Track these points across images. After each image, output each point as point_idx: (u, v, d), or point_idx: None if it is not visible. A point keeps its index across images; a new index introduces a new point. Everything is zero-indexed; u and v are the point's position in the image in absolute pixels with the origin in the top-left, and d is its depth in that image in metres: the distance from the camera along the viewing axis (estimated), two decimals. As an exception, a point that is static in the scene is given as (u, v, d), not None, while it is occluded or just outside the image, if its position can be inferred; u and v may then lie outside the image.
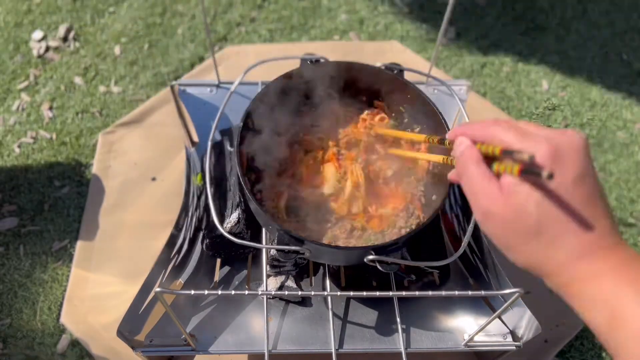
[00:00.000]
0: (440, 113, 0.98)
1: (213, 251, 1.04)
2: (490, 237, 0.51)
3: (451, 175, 0.61)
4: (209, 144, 0.97)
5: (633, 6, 1.94)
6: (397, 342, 0.93)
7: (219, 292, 0.77)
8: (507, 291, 0.81)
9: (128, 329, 0.88)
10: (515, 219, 0.47)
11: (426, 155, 0.93)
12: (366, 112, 1.08)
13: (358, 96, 1.08)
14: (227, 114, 1.19)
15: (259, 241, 1.03)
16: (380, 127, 1.05)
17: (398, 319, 0.94)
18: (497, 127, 0.51)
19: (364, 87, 1.07)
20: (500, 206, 0.48)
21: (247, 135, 0.97)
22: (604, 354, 1.26)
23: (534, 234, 0.47)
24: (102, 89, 1.65)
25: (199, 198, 1.13)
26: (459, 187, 1.18)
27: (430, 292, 0.83)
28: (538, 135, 0.48)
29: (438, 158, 0.78)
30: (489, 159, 0.51)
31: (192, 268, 1.04)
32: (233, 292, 0.79)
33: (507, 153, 0.48)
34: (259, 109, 0.98)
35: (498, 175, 0.50)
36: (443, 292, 0.83)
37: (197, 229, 1.09)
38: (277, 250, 0.81)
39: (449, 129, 0.96)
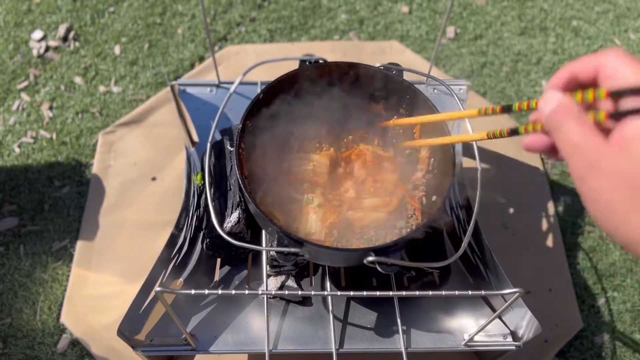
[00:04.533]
0: (439, 113, 0.98)
1: (213, 251, 1.04)
2: (592, 199, 0.40)
3: (532, 144, 0.48)
4: (209, 144, 0.98)
5: (633, 7, 1.94)
6: (397, 342, 0.93)
7: (219, 291, 0.77)
8: (507, 291, 0.81)
9: (128, 328, 0.88)
10: (627, 177, 0.38)
11: (460, 137, 0.81)
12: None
13: (356, 97, 1.08)
14: (227, 113, 1.19)
15: (260, 241, 1.03)
16: (401, 119, 1.02)
17: (398, 319, 0.94)
18: (614, 56, 0.42)
19: (362, 88, 1.07)
20: (612, 158, 0.39)
21: (246, 135, 0.97)
22: (603, 354, 1.26)
23: None
24: (102, 88, 1.65)
25: (199, 198, 1.13)
26: (460, 187, 1.18)
27: (430, 292, 0.83)
28: None
29: (478, 136, 0.66)
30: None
31: (192, 268, 1.04)
32: (233, 291, 0.79)
33: (617, 94, 0.40)
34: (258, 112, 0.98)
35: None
36: (443, 292, 0.83)
37: (198, 229, 1.09)
38: (277, 252, 0.81)
39: (448, 129, 0.96)
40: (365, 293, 0.81)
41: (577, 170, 0.41)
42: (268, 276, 0.98)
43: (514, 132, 0.55)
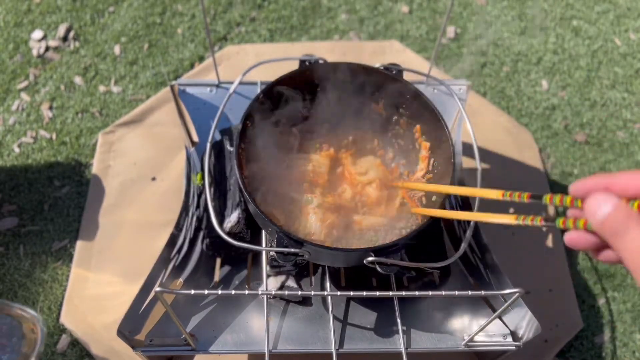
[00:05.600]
0: (439, 113, 0.98)
1: (213, 251, 1.04)
2: None
3: (576, 242, 0.46)
4: (209, 144, 0.97)
5: (633, 7, 1.94)
6: (397, 342, 0.93)
7: (219, 291, 0.77)
8: (507, 291, 0.81)
9: (128, 328, 0.88)
10: None
11: (493, 217, 0.71)
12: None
13: (356, 98, 1.08)
14: (227, 113, 1.19)
15: (259, 241, 1.03)
16: (415, 183, 1.01)
17: (398, 319, 0.94)
18: None
19: (362, 88, 1.07)
20: None
21: (246, 136, 0.97)
22: (603, 354, 1.26)
23: None
24: (102, 88, 1.65)
25: (199, 198, 1.13)
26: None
27: (430, 292, 0.83)
28: None
29: (509, 218, 0.61)
30: None
31: (192, 268, 1.04)
32: (233, 291, 0.79)
33: None
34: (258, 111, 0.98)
35: None
36: (443, 292, 0.83)
37: (198, 229, 1.09)
38: (276, 252, 0.81)
39: (448, 129, 0.96)
40: (365, 293, 0.81)
41: None
42: (268, 276, 0.98)
43: (548, 220, 0.52)
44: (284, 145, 1.08)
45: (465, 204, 1.14)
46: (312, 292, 0.89)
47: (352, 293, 0.82)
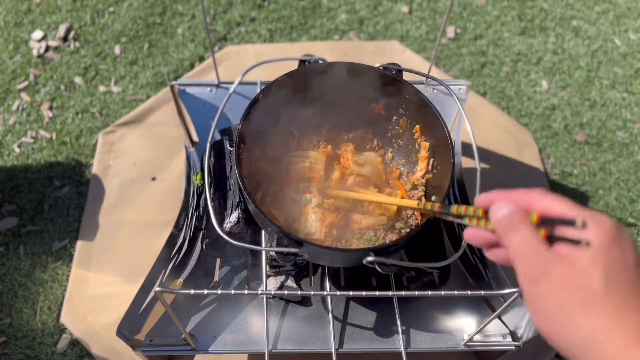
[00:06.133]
0: (438, 113, 0.98)
1: (213, 251, 1.04)
2: (537, 306, 0.44)
3: (473, 236, 0.54)
4: (209, 144, 0.97)
5: (633, 7, 1.94)
6: (397, 341, 0.93)
7: (219, 291, 0.77)
8: (507, 291, 0.81)
9: (128, 328, 0.88)
10: (577, 284, 0.42)
11: (399, 201, 0.94)
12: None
13: (356, 97, 1.08)
14: (227, 113, 1.19)
15: (259, 241, 1.03)
16: (341, 191, 1.01)
17: (398, 319, 0.94)
18: (541, 193, 0.50)
19: (362, 88, 1.07)
20: (559, 269, 0.43)
21: (246, 136, 0.97)
22: (603, 354, 1.26)
23: (597, 302, 0.42)
24: (102, 88, 1.65)
25: (199, 198, 1.13)
26: (459, 187, 1.18)
27: (430, 292, 0.83)
28: (591, 212, 0.47)
29: (412, 203, 0.78)
30: None
31: (192, 268, 1.04)
32: (233, 291, 0.79)
33: (549, 221, 0.47)
34: (257, 111, 0.98)
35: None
36: (443, 292, 0.83)
37: (197, 229, 1.09)
38: (276, 252, 0.81)
39: (447, 129, 0.96)
40: (364, 293, 0.81)
41: (527, 273, 0.45)
42: (267, 276, 0.98)
43: (454, 216, 0.62)
44: (284, 145, 1.08)
45: (464, 201, 1.14)
46: (312, 292, 0.89)
47: (351, 293, 0.82)
